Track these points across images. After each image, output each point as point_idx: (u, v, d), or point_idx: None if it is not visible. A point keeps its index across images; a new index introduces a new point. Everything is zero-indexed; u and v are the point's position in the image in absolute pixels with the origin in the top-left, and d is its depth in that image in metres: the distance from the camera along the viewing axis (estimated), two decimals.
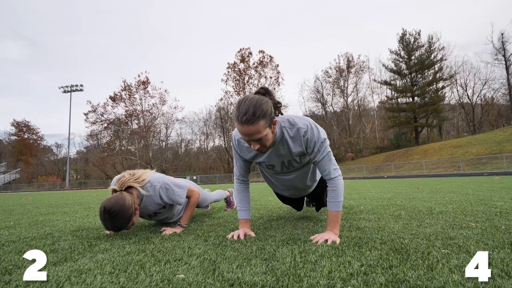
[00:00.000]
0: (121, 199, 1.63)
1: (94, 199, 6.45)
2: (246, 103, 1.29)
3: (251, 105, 1.28)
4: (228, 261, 1.15)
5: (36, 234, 1.98)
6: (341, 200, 1.53)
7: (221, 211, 3.06)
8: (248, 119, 1.27)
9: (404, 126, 37.63)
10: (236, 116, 1.31)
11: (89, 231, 2.01)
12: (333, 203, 1.53)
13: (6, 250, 1.50)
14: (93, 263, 1.19)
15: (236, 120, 1.32)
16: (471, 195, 3.57)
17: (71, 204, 5.02)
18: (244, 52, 42.24)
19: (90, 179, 46.22)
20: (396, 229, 1.66)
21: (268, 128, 1.36)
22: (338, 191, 1.53)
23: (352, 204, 3.11)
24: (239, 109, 1.30)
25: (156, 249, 1.38)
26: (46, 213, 3.59)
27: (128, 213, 1.63)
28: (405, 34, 37.77)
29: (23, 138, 51.73)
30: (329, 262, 1.08)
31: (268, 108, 1.32)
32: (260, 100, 1.31)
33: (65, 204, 5.10)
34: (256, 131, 1.31)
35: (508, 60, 33.48)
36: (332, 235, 1.43)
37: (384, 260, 1.09)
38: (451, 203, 2.87)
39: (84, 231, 2.05)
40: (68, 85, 39.55)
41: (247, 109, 1.27)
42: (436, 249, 1.20)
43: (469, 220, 1.87)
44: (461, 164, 22.01)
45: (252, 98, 1.31)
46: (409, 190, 5.20)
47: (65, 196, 9.21)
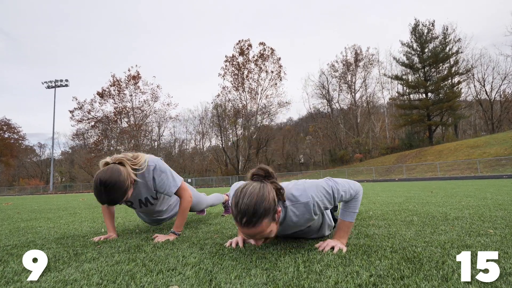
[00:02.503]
0: (116, 170, 1.66)
1: (80, 204, 6.45)
2: (244, 201, 1.22)
3: (251, 204, 1.21)
4: (226, 271, 1.15)
5: (18, 241, 1.98)
6: (357, 211, 1.53)
7: (218, 216, 3.06)
8: (248, 221, 1.22)
9: (416, 125, 37.64)
10: (235, 215, 1.25)
11: (75, 239, 2.01)
12: (348, 212, 1.52)
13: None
14: (79, 273, 1.19)
15: (235, 220, 1.26)
16: (489, 200, 3.57)
17: (56, 209, 5.02)
18: (243, 44, 42.35)
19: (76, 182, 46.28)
20: (408, 236, 1.66)
21: (272, 222, 1.29)
22: (357, 201, 1.53)
23: (360, 210, 3.11)
24: (237, 207, 1.24)
25: (147, 258, 1.38)
26: (28, 219, 3.59)
27: (124, 186, 1.67)
28: (417, 24, 37.79)
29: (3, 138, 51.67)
30: (336, 272, 1.08)
31: (271, 202, 1.25)
32: (260, 195, 1.24)
33: (48, 209, 5.10)
34: (259, 232, 1.26)
35: None
36: (339, 243, 1.43)
37: (395, 270, 1.09)
38: (467, 208, 2.87)
39: (69, 238, 2.05)
40: (52, 80, 39.65)
41: (246, 209, 1.21)
42: (451, 258, 1.20)
43: (488, 226, 1.87)
44: (478, 166, 22.01)
45: (252, 192, 1.24)
46: (422, 194, 5.20)
47: (48, 201, 9.21)
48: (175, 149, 51.56)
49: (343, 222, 1.52)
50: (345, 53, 49.17)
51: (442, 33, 36.77)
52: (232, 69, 42.82)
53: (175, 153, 50.53)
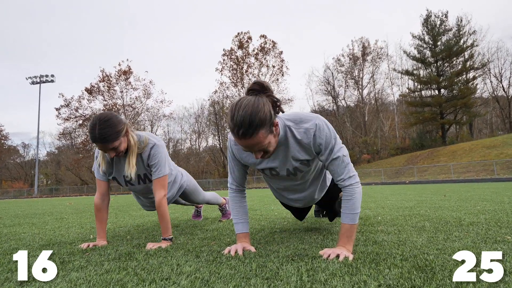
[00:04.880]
0: (115, 114, 1.82)
1: (67, 209, 6.45)
2: (239, 113, 1.27)
3: (246, 114, 1.27)
4: (224, 280, 1.15)
5: (0, 249, 1.98)
6: (357, 211, 1.52)
7: (215, 222, 3.06)
8: (244, 132, 1.28)
9: (428, 123, 37.70)
10: (231, 128, 1.31)
11: (62, 246, 2.01)
12: (348, 214, 1.52)
13: None
14: (66, 282, 1.19)
15: (231, 132, 1.32)
16: (507, 204, 3.58)
17: (41, 214, 5.03)
18: (243, 37, 42.28)
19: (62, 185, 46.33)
20: (419, 243, 1.66)
21: (270, 134, 1.36)
22: (355, 201, 1.52)
23: (368, 214, 3.12)
24: (232, 119, 1.29)
25: (139, 267, 1.38)
26: (11, 224, 3.59)
27: (119, 126, 1.78)
28: (430, 16, 37.85)
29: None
30: (341, 282, 1.08)
31: (266, 112, 1.31)
32: (255, 106, 1.29)
33: (33, 214, 5.11)
34: (257, 143, 1.33)
35: None
36: (344, 250, 1.43)
37: (405, 279, 1.09)
38: (483, 213, 2.87)
39: (55, 245, 2.05)
40: (37, 76, 39.69)
41: (241, 120, 1.26)
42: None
43: (505, 232, 1.87)
44: (495, 168, 22.03)
45: (246, 104, 1.29)
46: (434, 197, 5.20)
47: (33, 205, 9.21)
48: (169, 149, 51.61)
49: (344, 225, 1.52)
50: (352, 46, 48.98)
51: (456, 24, 36.88)
52: (231, 64, 42.79)
53: (169, 153, 50.50)
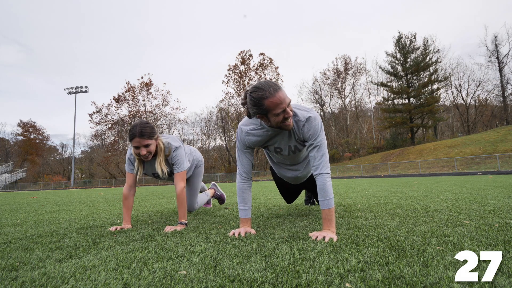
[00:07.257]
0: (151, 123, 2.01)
1: (99, 198, 6.45)
2: (266, 81, 1.43)
3: (273, 81, 1.46)
4: (229, 258, 1.15)
5: (42, 231, 1.98)
6: (331, 197, 1.52)
7: (222, 209, 3.06)
8: (279, 86, 1.41)
9: (400, 127, 37.57)
10: (268, 91, 1.38)
11: (94, 229, 2.01)
12: (324, 201, 1.53)
13: (12, 247, 1.50)
14: (97, 259, 1.19)
15: (268, 94, 1.38)
16: (465, 194, 3.57)
17: (76, 203, 5.02)
18: (245, 55, 42.18)
19: (94, 178, 46.22)
20: (392, 226, 1.66)
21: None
22: (327, 189, 1.53)
23: (349, 203, 3.11)
24: (267, 84, 1.40)
25: (158, 246, 1.38)
26: (51, 211, 3.59)
27: (154, 130, 1.92)
28: (401, 37, 37.75)
29: (29, 138, 51.72)
30: (327, 259, 1.08)
31: None
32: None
33: (70, 203, 5.10)
34: (287, 96, 1.43)
35: (501, 62, 33.45)
36: (330, 233, 1.43)
37: (380, 257, 1.09)
38: (446, 201, 2.87)
39: (88, 228, 2.05)
40: (73, 87, 39.59)
41: (273, 82, 1.42)
42: (431, 246, 1.20)
43: (464, 218, 1.87)
44: (455, 164, 21.99)
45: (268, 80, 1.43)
46: (405, 189, 5.20)
47: (70, 195, 9.21)
48: None
49: (323, 211, 1.52)
50: (336, 62, 49.01)
51: (423, 44, 36.75)
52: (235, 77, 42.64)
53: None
